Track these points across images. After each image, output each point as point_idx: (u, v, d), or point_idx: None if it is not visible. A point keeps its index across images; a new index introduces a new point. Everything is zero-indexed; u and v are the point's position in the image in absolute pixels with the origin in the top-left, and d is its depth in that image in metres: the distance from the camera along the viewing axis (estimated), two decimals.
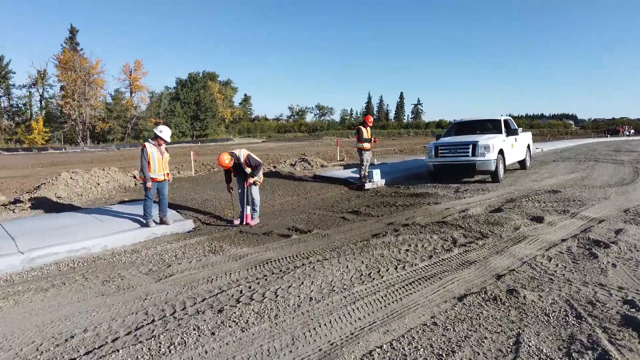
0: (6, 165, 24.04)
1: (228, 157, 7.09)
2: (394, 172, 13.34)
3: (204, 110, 70.72)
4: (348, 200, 9.60)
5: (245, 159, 7.27)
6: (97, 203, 9.00)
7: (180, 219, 7.51)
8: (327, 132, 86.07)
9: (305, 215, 8.03)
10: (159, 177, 6.85)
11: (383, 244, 5.53)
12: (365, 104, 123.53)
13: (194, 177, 12.81)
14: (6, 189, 11.86)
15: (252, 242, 6.14)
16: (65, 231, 6.36)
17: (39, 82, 56.87)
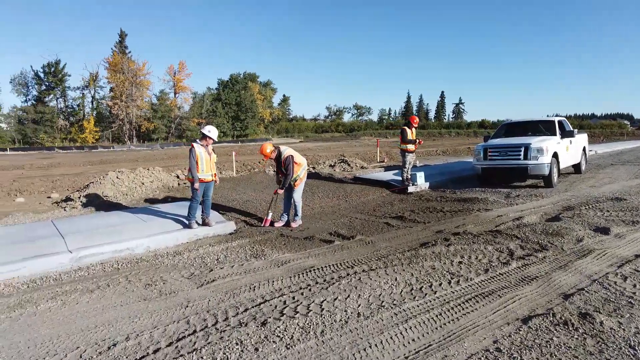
0: (61, 163, 25.35)
1: (271, 147, 7.21)
2: (439, 174, 12.82)
3: (244, 111, 71.94)
4: (391, 204, 9.26)
5: (285, 159, 7.17)
6: (141, 202, 9.16)
7: (222, 221, 7.45)
8: (364, 132, 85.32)
9: (346, 220, 7.78)
10: (207, 177, 6.80)
11: (433, 255, 5.18)
12: (404, 103, 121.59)
13: (235, 177, 12.88)
14: (59, 186, 12.38)
15: (294, 247, 5.95)
16: (111, 231, 6.44)
17: (91, 84, 59.90)
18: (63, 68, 57.77)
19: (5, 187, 11.67)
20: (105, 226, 6.67)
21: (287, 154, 7.25)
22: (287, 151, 7.32)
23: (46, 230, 6.44)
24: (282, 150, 7.33)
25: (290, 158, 7.17)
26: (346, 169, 14.08)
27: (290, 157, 7.18)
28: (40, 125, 54.53)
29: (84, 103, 61.30)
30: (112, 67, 57.33)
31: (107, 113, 60.18)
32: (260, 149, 7.25)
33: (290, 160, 7.15)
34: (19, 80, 57.20)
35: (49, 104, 57.05)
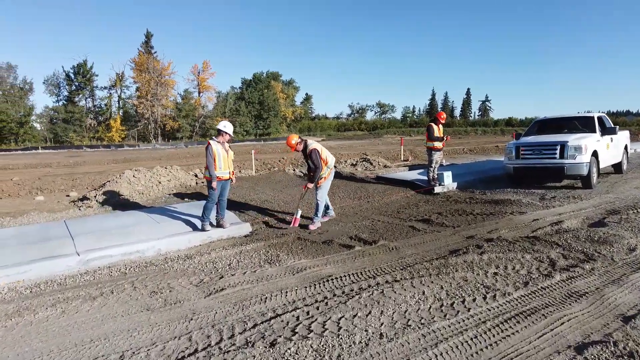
0: (86, 162, 25.77)
1: (297, 139, 7.04)
2: (467, 174, 12.17)
3: (267, 110, 72.07)
4: (416, 205, 8.73)
5: (310, 152, 6.93)
6: (157, 202, 8.95)
7: (238, 222, 7.12)
8: (387, 130, 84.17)
9: (368, 222, 7.32)
10: (225, 175, 6.49)
11: (465, 264, 4.68)
12: (429, 100, 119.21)
13: (254, 176, 12.59)
14: (79, 185, 12.39)
15: (311, 252, 5.54)
16: (122, 232, 6.20)
17: (118, 84, 61.17)
18: (91, 68, 59.24)
19: (28, 186, 11.74)
20: (116, 227, 6.44)
21: (313, 146, 6.98)
22: (313, 144, 7.06)
23: (57, 231, 6.25)
24: (309, 143, 7.08)
25: (315, 151, 6.92)
26: (368, 168, 13.58)
27: (315, 150, 6.92)
28: (70, 124, 56.06)
29: (111, 102, 62.70)
30: (138, 66, 58.40)
31: (133, 112, 61.34)
32: (287, 140, 7.20)
33: (316, 153, 6.90)
34: (51, 81, 59.03)
35: (78, 103, 58.57)
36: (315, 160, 6.90)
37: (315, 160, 6.90)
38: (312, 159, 6.92)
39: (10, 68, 55.50)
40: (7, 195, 10.56)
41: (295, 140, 7.09)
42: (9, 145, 49.83)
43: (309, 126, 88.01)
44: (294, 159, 20.34)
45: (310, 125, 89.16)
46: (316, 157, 6.90)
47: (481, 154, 22.78)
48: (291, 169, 13.70)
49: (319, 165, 6.93)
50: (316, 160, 6.90)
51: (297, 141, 7.09)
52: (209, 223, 6.50)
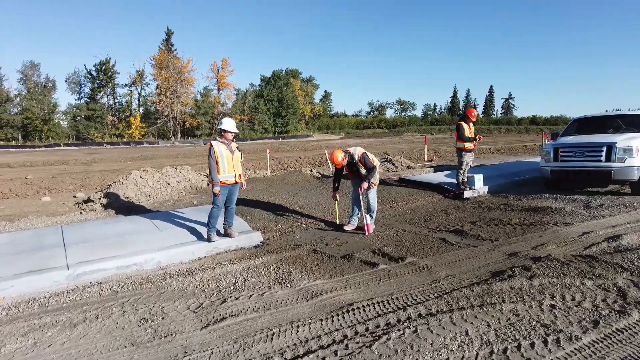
0: (103, 159, 25.67)
1: (342, 155, 6.45)
2: (497, 177, 11.25)
3: (285, 107, 71.66)
4: (445, 212, 7.92)
5: (360, 157, 6.53)
6: (164, 205, 8.38)
7: (247, 230, 6.47)
8: (408, 128, 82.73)
9: (392, 232, 6.56)
10: (229, 179, 5.80)
11: (513, 292, 3.89)
12: (451, 98, 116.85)
13: (268, 177, 11.95)
14: (88, 185, 11.99)
15: (328, 270, 4.83)
16: (120, 241, 5.62)
17: (138, 81, 61.67)
18: (113, 66, 59.88)
19: (36, 185, 11.39)
20: (115, 235, 5.87)
21: (360, 152, 6.59)
22: (358, 150, 6.63)
23: (51, 238, 5.71)
24: (353, 151, 6.60)
25: (365, 154, 6.56)
26: (390, 169, 12.78)
27: (365, 154, 6.58)
28: (92, 121, 56.77)
29: (131, 100, 63.28)
30: (158, 64, 58.68)
31: (153, 109, 61.75)
32: (331, 157, 6.57)
33: (366, 156, 6.55)
34: (73, 79, 59.90)
35: (99, 101, 59.26)
36: (369, 162, 6.53)
37: (369, 162, 6.53)
38: (366, 163, 6.52)
39: (34, 66, 56.57)
40: (14, 195, 10.20)
41: (341, 157, 6.44)
42: (33, 142, 50.76)
43: (327, 124, 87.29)
44: (311, 158, 19.64)
45: (329, 123, 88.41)
46: (368, 159, 6.54)
47: (509, 153, 21.63)
48: (308, 169, 13.01)
49: (372, 166, 6.56)
50: (369, 162, 6.53)
51: (342, 156, 6.46)
52: (216, 232, 5.86)
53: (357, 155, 6.54)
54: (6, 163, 22.70)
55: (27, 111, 52.74)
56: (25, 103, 53.77)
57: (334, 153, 6.49)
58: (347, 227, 6.83)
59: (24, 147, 46.10)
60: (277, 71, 76.82)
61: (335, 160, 6.46)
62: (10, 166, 21.50)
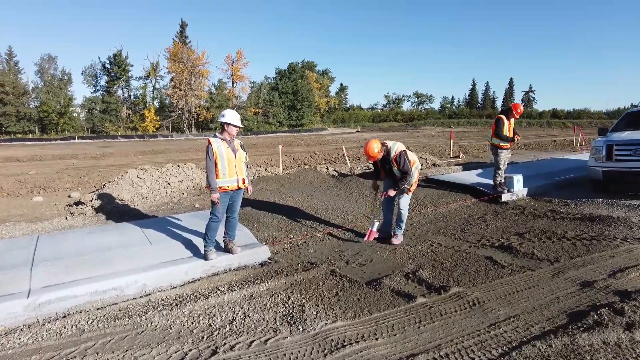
0: (114, 153, 25.06)
1: (378, 146, 5.43)
2: (535, 177, 10.02)
3: (300, 100, 70.48)
4: (483, 220, 6.81)
5: (397, 155, 5.47)
6: (162, 208, 7.47)
7: (253, 243, 5.48)
8: (425, 121, 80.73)
9: (426, 247, 5.50)
10: (231, 184, 4.77)
11: (610, 353, 2.80)
12: (469, 90, 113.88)
13: (280, 176, 10.95)
14: (86, 182, 11.18)
15: (351, 304, 3.80)
16: (101, 258, 4.70)
17: (152, 74, 61.20)
18: (126, 58, 59.45)
19: (30, 184, 10.63)
20: (97, 249, 4.95)
21: (399, 149, 5.53)
22: (397, 146, 5.58)
23: (19, 254, 4.82)
24: (391, 145, 5.58)
25: (403, 154, 5.49)
26: None
27: (403, 153, 5.50)
28: (106, 114, 56.64)
29: (146, 92, 62.94)
30: (172, 56, 58.09)
31: (167, 102, 61.36)
32: (365, 149, 5.49)
33: (404, 157, 5.48)
34: (89, 72, 59.79)
35: (114, 94, 59.07)
36: (405, 165, 5.46)
37: (405, 166, 5.46)
38: (401, 164, 5.45)
39: (51, 59, 56.60)
40: (5, 195, 9.44)
41: (377, 148, 5.43)
42: (49, 135, 50.84)
43: (342, 117, 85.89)
44: (327, 154, 18.58)
45: (344, 116, 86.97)
46: (405, 161, 5.46)
47: (538, 149, 20.19)
48: (324, 167, 11.96)
49: (409, 171, 5.51)
50: (406, 165, 5.46)
51: (379, 148, 5.45)
52: (213, 249, 4.87)
53: (394, 152, 5.50)
54: (15, 157, 22.24)
55: (43, 104, 52.83)
56: (42, 96, 53.87)
57: (369, 144, 5.43)
58: (374, 235, 5.91)
59: (41, 140, 46.08)
60: (293, 63, 75.60)
61: (369, 152, 5.43)
62: (19, 160, 21.01)
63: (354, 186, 9.36)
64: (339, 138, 37.73)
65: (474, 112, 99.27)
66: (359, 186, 9.32)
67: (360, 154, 18.66)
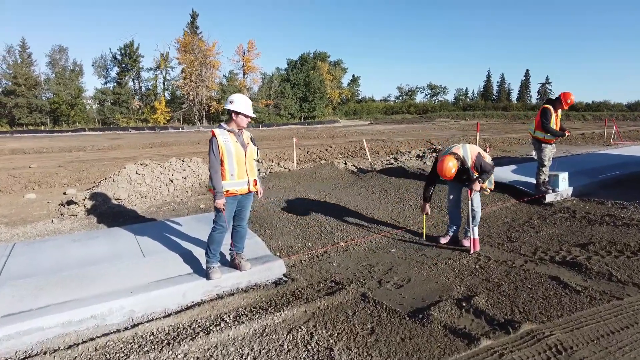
0: (122, 145, 24.43)
1: (454, 163, 4.72)
2: (577, 174, 8.92)
3: (312, 92, 69.32)
4: (530, 225, 5.86)
5: (475, 161, 4.85)
6: (162, 209, 6.65)
7: (265, 256, 4.61)
8: (439, 113, 78.99)
9: (472, 261, 4.59)
10: (240, 187, 3.88)
11: None
12: (484, 82, 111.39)
13: (294, 171, 10.06)
14: (85, 178, 10.43)
15: (393, 349, 2.92)
16: (82, 274, 3.88)
17: (162, 65, 60.56)
18: (137, 49, 58.89)
19: (25, 179, 9.92)
20: (78, 263, 4.14)
21: (474, 154, 4.87)
22: (470, 151, 4.89)
23: None
24: (464, 154, 4.86)
25: (480, 156, 4.89)
26: None
27: (480, 156, 4.89)
28: (117, 106, 56.30)
29: (156, 84, 62.40)
30: (182, 47, 57.34)
31: (178, 94, 60.78)
32: (443, 169, 4.71)
33: (482, 157, 4.90)
34: (99, 63, 59.40)
35: (125, 85, 58.64)
36: (486, 165, 4.89)
37: (487, 166, 4.89)
38: (483, 167, 4.86)
39: (62, 50, 56.31)
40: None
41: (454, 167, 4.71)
42: (61, 127, 50.68)
43: (354, 109, 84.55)
44: (344, 147, 17.63)
45: (356, 108, 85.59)
46: (485, 162, 4.89)
47: (567, 143, 18.94)
48: (341, 161, 11.04)
49: (490, 169, 4.94)
50: (487, 165, 4.90)
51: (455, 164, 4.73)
52: (217, 266, 4.02)
53: (470, 160, 4.83)
54: (22, 149, 21.72)
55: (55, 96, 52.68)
56: (53, 88, 53.67)
57: (445, 163, 4.68)
58: (443, 239, 5.31)
59: (52, 131, 45.84)
60: (305, 54, 74.36)
61: (446, 174, 4.69)
62: (25, 152, 20.47)
63: (376, 183, 8.43)
64: (352, 130, 36.71)
65: (489, 104, 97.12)
66: (382, 183, 8.40)
67: (378, 147, 17.68)
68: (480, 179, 4.89)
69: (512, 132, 29.46)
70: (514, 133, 28.47)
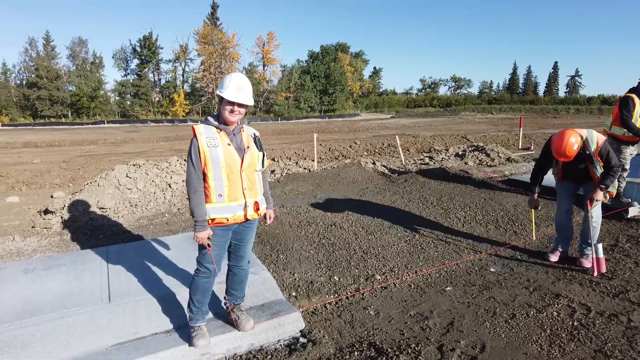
0: (136, 139, 23.59)
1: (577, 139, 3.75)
2: None
3: (333, 84, 67.72)
4: (621, 250, 4.47)
5: (602, 147, 3.87)
6: (154, 222, 5.49)
7: (276, 301, 3.38)
8: (464, 107, 76.30)
9: (561, 308, 3.26)
10: (231, 214, 2.59)
11: None
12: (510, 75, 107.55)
13: (315, 172, 8.78)
14: (80, 177, 9.39)
15: None
16: (16, 334, 2.72)
17: (181, 57, 59.93)
18: (156, 41, 58.38)
19: (12, 179, 8.94)
20: (13, 312, 2.99)
21: (600, 138, 3.92)
22: (597, 136, 3.93)
23: None
24: (589, 136, 3.90)
25: (607, 143, 3.94)
26: (484, 162, 9.23)
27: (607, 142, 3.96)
28: (136, 98, 56.05)
29: (176, 76, 61.89)
30: (202, 39, 56.54)
31: (198, 86, 60.15)
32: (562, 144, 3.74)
33: (608, 146, 3.92)
34: (119, 55, 59.18)
35: (144, 77, 58.31)
36: (613, 157, 3.87)
37: (613, 158, 3.87)
38: (610, 158, 3.86)
39: (82, 43, 56.26)
40: None
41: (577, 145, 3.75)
42: (81, 119, 50.71)
43: (376, 102, 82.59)
44: (370, 143, 16.20)
45: (377, 101, 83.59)
46: (612, 153, 3.89)
47: None
48: (369, 160, 9.70)
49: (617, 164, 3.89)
50: (614, 158, 3.88)
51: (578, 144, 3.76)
52: (203, 325, 2.79)
53: (594, 144, 3.84)
54: (34, 142, 21.11)
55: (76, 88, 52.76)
56: (74, 80, 53.73)
57: (566, 137, 3.72)
58: (552, 256, 4.39)
59: (73, 124, 45.81)
60: (326, 46, 72.75)
61: (567, 150, 3.72)
62: (37, 146, 19.84)
63: (412, 188, 7.10)
64: (375, 124, 35.17)
65: (515, 97, 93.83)
66: (419, 189, 7.07)
67: (409, 143, 16.20)
68: (603, 184, 3.86)
69: (547, 127, 27.48)
70: (550, 128, 26.49)
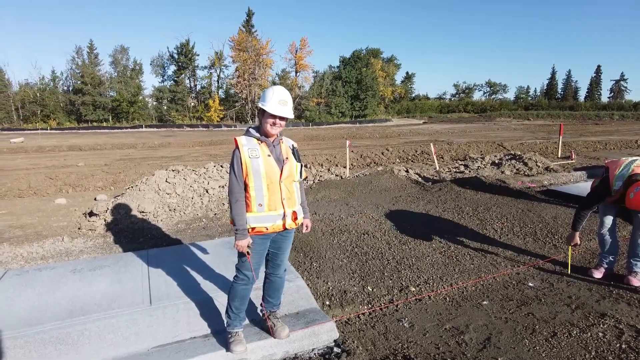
0: (172, 143, 24.32)
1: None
2: None
3: (364, 89, 67.57)
4: None
5: None
6: (192, 227, 5.64)
7: (310, 310, 3.41)
8: (500, 112, 74.32)
9: (607, 328, 3.12)
10: (270, 223, 2.66)
11: None
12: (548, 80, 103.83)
13: (346, 179, 8.78)
14: (122, 180, 9.79)
15: None
16: (62, 336, 2.86)
17: (217, 63, 61.49)
18: (192, 48, 60.18)
19: (60, 181, 9.42)
20: (64, 310, 3.15)
21: None
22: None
23: None
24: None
25: None
26: (521, 171, 8.95)
27: None
28: (173, 103, 57.89)
29: (211, 82, 63.54)
30: (237, 45, 57.84)
31: (232, 92, 61.51)
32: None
33: None
34: (157, 62, 61.39)
35: (181, 83, 60.19)
36: None
37: None
38: None
39: (124, 50, 58.70)
40: (32, 194, 8.23)
41: None
42: (121, 124, 52.89)
43: (407, 107, 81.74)
44: (402, 150, 16.03)
45: (409, 106, 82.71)
46: None
47: None
48: (402, 168, 9.62)
49: None
50: None
51: None
52: (239, 332, 2.85)
53: None
54: (79, 146, 22.17)
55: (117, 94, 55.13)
56: (115, 86, 56.15)
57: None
58: (596, 272, 4.28)
59: (113, 128, 47.89)
60: (358, 51, 72.77)
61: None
62: (81, 149, 20.80)
63: (447, 198, 6.99)
64: (407, 130, 34.83)
65: (553, 103, 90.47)
66: (454, 198, 6.94)
67: (443, 150, 15.95)
68: None
69: (588, 135, 26.33)
70: (591, 136, 25.38)
